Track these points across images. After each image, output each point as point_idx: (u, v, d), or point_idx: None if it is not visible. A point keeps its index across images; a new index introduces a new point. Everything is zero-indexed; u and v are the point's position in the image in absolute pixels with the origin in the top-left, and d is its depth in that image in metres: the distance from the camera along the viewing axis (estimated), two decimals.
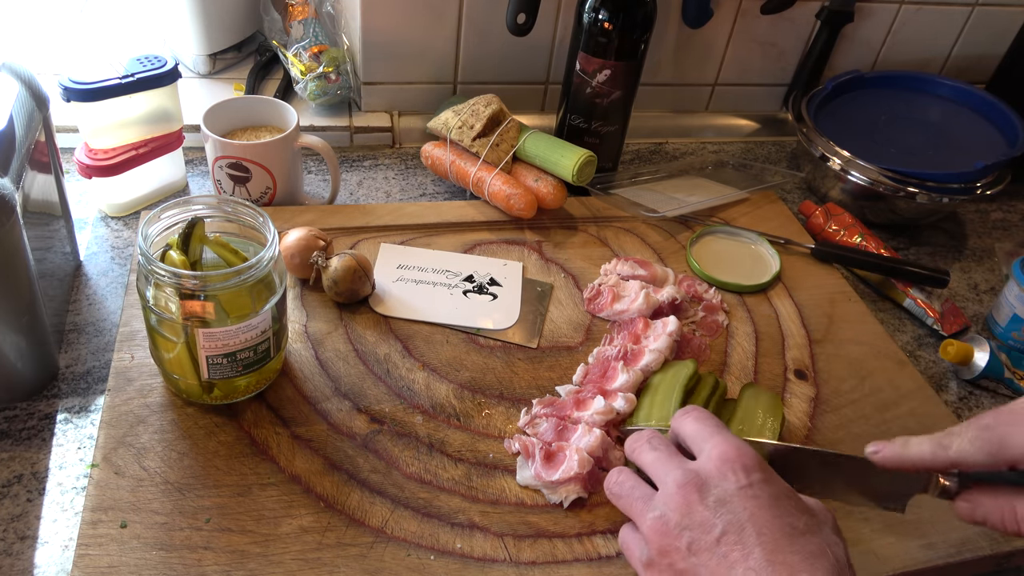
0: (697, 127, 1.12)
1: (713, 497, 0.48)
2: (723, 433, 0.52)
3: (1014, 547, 0.61)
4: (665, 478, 0.50)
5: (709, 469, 0.49)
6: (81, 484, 0.59)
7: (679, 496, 0.48)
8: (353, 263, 0.71)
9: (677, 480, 0.49)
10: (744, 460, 0.49)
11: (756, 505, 0.47)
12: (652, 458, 0.52)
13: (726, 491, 0.48)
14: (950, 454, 0.49)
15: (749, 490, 0.48)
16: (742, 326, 0.78)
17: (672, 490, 0.49)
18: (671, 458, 0.51)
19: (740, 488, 0.48)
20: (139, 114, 0.78)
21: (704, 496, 0.48)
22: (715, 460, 0.49)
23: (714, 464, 0.49)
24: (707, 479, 0.49)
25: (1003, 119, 1.00)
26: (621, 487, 0.53)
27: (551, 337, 0.74)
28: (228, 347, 0.58)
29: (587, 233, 0.87)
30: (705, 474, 0.49)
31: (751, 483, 0.48)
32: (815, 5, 1.05)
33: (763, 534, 0.46)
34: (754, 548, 0.45)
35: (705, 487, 0.48)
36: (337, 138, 0.98)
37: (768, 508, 0.47)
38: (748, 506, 0.47)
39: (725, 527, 0.46)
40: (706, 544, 0.46)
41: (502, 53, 0.99)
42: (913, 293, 0.85)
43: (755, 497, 0.47)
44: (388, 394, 0.66)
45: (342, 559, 0.54)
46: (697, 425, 0.53)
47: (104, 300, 0.73)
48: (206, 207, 0.60)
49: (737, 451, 0.49)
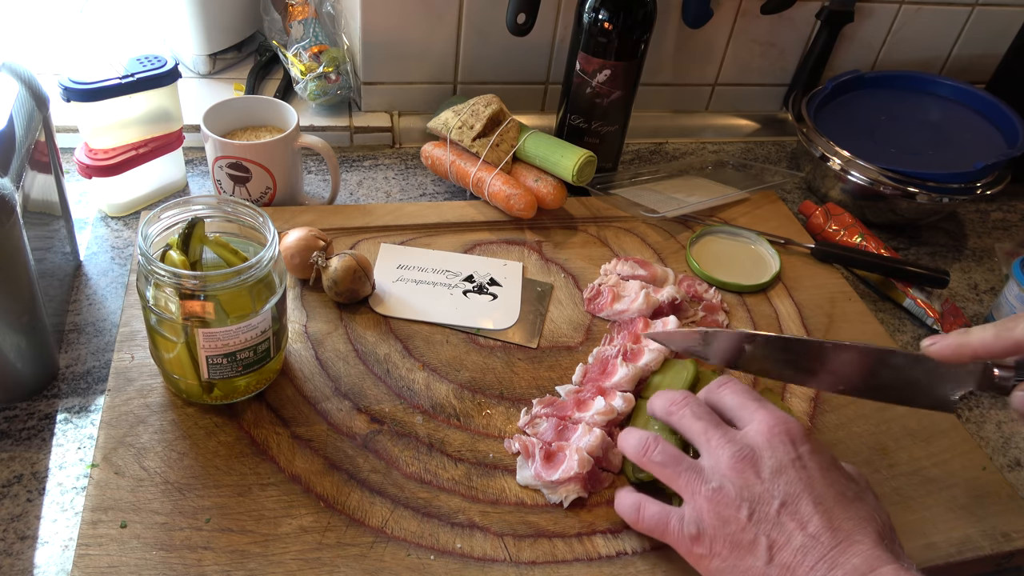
0: (697, 127, 1.12)
1: (768, 469, 0.50)
2: (767, 405, 0.53)
3: (1014, 547, 0.61)
4: (717, 450, 0.52)
5: (759, 442, 0.51)
6: (81, 484, 0.59)
7: (735, 469, 0.50)
8: (353, 263, 0.71)
9: (732, 454, 0.51)
10: (792, 432, 0.51)
11: (809, 475, 0.50)
12: (699, 427, 0.54)
13: (779, 462, 0.50)
14: (1015, 334, 0.51)
15: (799, 461, 0.50)
16: (742, 326, 0.78)
17: (727, 463, 0.51)
18: (719, 428, 0.53)
19: (792, 460, 0.50)
20: (139, 114, 0.78)
21: (759, 469, 0.50)
22: (764, 433, 0.51)
23: (764, 436, 0.51)
24: (759, 452, 0.51)
25: (1003, 119, 1.00)
26: (664, 456, 0.53)
27: (551, 337, 0.74)
28: (228, 347, 0.58)
29: (587, 233, 0.87)
30: (757, 447, 0.51)
31: (800, 455, 0.50)
32: (815, 5, 1.05)
33: (819, 503, 0.48)
34: (812, 516, 0.48)
35: (759, 460, 0.50)
36: (337, 138, 0.98)
37: (820, 478, 0.50)
38: (802, 476, 0.49)
39: (784, 497, 0.49)
40: (767, 514, 0.49)
41: (502, 53, 0.99)
42: (913, 293, 0.85)
43: (806, 468, 0.50)
44: (388, 394, 0.66)
45: (342, 559, 0.54)
46: (738, 397, 0.55)
47: (104, 300, 0.73)
48: (206, 207, 0.60)
49: (784, 423, 0.52)
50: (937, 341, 0.54)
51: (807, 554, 0.47)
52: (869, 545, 0.47)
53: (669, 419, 0.56)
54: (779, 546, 0.48)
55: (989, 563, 0.61)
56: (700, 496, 0.51)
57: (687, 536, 0.51)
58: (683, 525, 0.51)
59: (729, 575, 0.49)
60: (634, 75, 0.88)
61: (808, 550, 0.47)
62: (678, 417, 0.55)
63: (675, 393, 0.57)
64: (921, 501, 0.63)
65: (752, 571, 0.48)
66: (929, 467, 0.66)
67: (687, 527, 0.51)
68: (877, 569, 0.45)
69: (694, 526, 0.50)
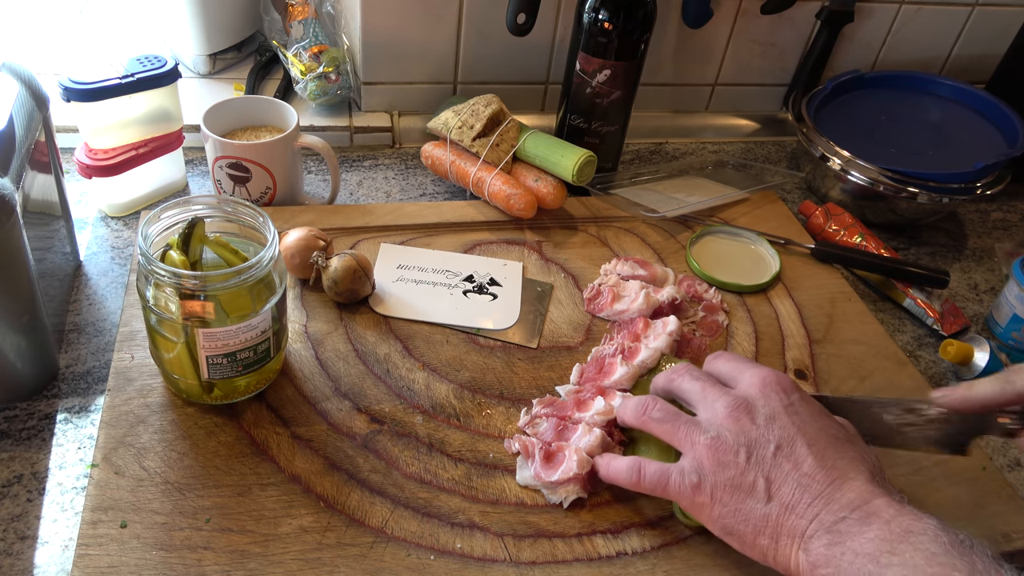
0: (697, 127, 1.12)
1: (762, 416, 0.53)
2: (757, 364, 0.57)
3: (1014, 547, 0.61)
4: (714, 404, 0.55)
5: (753, 393, 0.54)
6: (81, 484, 0.59)
7: (731, 418, 0.53)
8: (353, 263, 0.71)
9: (728, 404, 0.54)
10: (782, 383, 0.55)
11: (800, 420, 0.53)
12: (697, 386, 0.57)
13: (773, 410, 0.53)
14: (1017, 387, 0.53)
15: (791, 407, 0.53)
16: (742, 326, 0.78)
17: (724, 413, 0.54)
18: (715, 386, 0.56)
19: (784, 407, 0.53)
20: (139, 114, 0.78)
21: (754, 416, 0.53)
22: (757, 385, 0.55)
23: (757, 388, 0.55)
24: (753, 402, 0.54)
25: (1003, 119, 1.00)
26: (664, 412, 0.56)
27: (551, 337, 0.74)
28: (228, 347, 0.58)
29: (587, 233, 0.87)
30: (751, 398, 0.54)
31: (792, 402, 0.54)
32: (815, 5, 1.05)
33: (812, 445, 0.51)
34: (806, 457, 0.51)
35: (753, 408, 0.53)
36: (337, 138, 0.98)
37: (812, 422, 0.53)
38: (795, 421, 0.52)
39: (779, 441, 0.52)
40: (763, 457, 0.51)
41: (502, 53, 0.99)
42: (913, 293, 0.85)
43: (798, 413, 0.53)
44: (388, 394, 0.66)
45: (342, 559, 0.54)
46: (731, 362, 0.58)
47: (104, 300, 0.73)
48: (206, 207, 0.60)
49: (775, 375, 0.55)
50: (947, 394, 0.56)
51: (804, 491, 0.49)
52: (862, 481, 0.49)
53: (669, 386, 0.59)
54: (777, 485, 0.50)
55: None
56: (699, 446, 0.53)
57: (688, 486, 0.53)
58: (684, 476, 0.53)
59: (731, 519, 0.51)
60: (634, 75, 0.88)
61: (805, 488, 0.50)
62: (677, 383, 0.58)
63: (678, 365, 0.60)
64: (921, 501, 0.63)
65: (753, 512, 0.50)
66: (929, 467, 0.66)
67: (688, 477, 0.53)
68: (870, 501, 0.48)
69: (695, 475, 0.52)
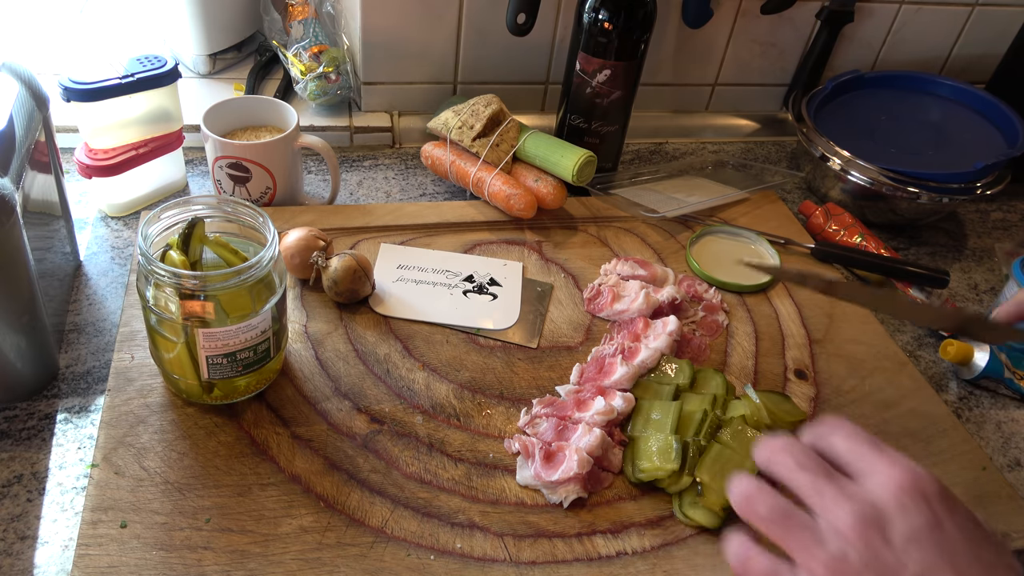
0: (697, 127, 1.12)
1: (899, 535, 0.42)
2: (889, 453, 0.46)
3: (1014, 547, 0.61)
4: (835, 509, 0.44)
5: (886, 499, 0.43)
6: (81, 484, 0.59)
7: (858, 533, 0.42)
8: (353, 263, 0.71)
9: (853, 513, 0.43)
10: (925, 489, 0.44)
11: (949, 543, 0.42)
12: (806, 479, 0.45)
13: (913, 527, 0.42)
14: None
15: (937, 526, 0.42)
16: (742, 326, 0.78)
17: (849, 524, 0.43)
18: (832, 480, 0.45)
19: (928, 524, 0.42)
20: (139, 114, 0.78)
21: (887, 534, 0.42)
22: (892, 488, 0.44)
23: (891, 493, 0.43)
24: (887, 513, 0.43)
25: (1003, 119, 1.00)
26: (771, 510, 0.45)
27: (551, 337, 0.74)
28: (228, 347, 0.58)
29: (587, 233, 0.87)
30: (883, 506, 0.43)
31: (938, 517, 0.43)
32: (815, 5, 1.05)
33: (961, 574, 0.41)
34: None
35: (887, 523, 0.43)
36: (337, 138, 0.98)
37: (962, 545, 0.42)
38: (940, 543, 0.42)
39: (919, 571, 0.41)
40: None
41: (502, 53, 0.99)
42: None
43: (945, 533, 0.42)
44: (388, 394, 0.66)
45: (342, 559, 0.54)
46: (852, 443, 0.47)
47: (104, 300, 0.73)
48: (206, 207, 0.60)
49: (913, 476, 0.44)
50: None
51: None
52: None
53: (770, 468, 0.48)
54: None
55: None
56: (817, 562, 0.43)
57: None
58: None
59: None
60: (634, 75, 0.88)
61: None
62: (779, 466, 0.47)
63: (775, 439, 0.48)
64: None
65: None
66: (929, 467, 0.65)
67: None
68: None
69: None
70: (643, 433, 0.64)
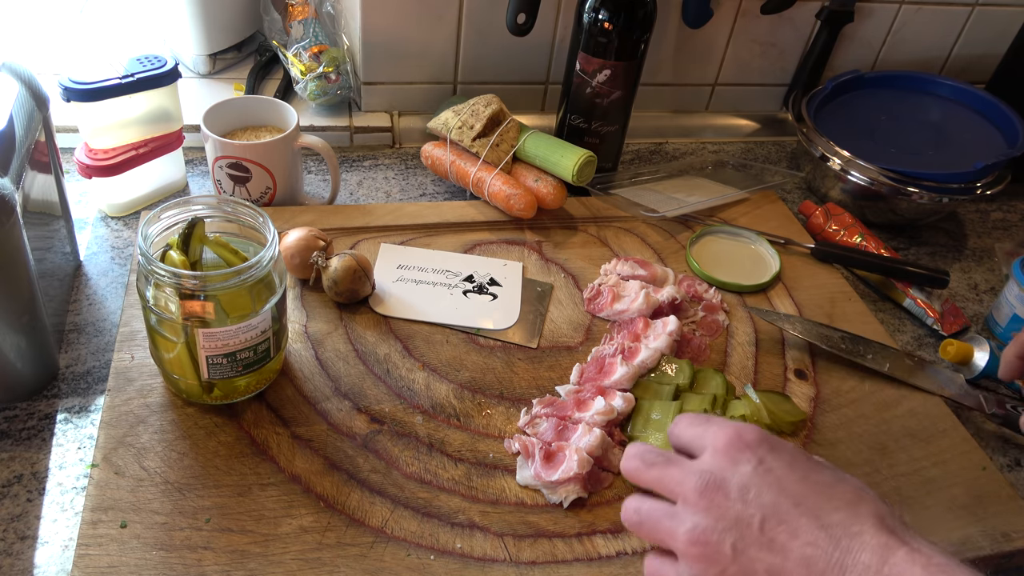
0: (697, 127, 1.12)
1: (735, 488, 0.45)
2: (715, 423, 0.49)
3: (1015, 547, 0.61)
4: (679, 488, 0.47)
5: (718, 462, 0.46)
6: (81, 484, 0.59)
7: (703, 500, 0.45)
8: (353, 263, 0.71)
9: (695, 486, 0.46)
10: (746, 438, 0.47)
11: (778, 477, 0.45)
12: (655, 474, 0.48)
13: (744, 476, 0.45)
14: None
15: (762, 465, 0.46)
16: (742, 326, 0.78)
17: (694, 497, 0.45)
18: (672, 464, 0.48)
19: (755, 468, 0.45)
20: (139, 114, 0.78)
21: (727, 491, 0.45)
22: (720, 451, 0.47)
23: (720, 455, 0.47)
24: (721, 473, 0.46)
25: (1003, 119, 1.00)
26: (639, 513, 0.48)
27: (551, 337, 0.74)
28: (228, 347, 0.58)
29: (587, 233, 0.87)
30: (718, 469, 0.46)
31: (761, 459, 0.46)
32: (815, 5, 1.05)
33: (800, 503, 0.44)
34: (798, 520, 0.43)
35: (724, 481, 0.45)
36: (337, 138, 0.98)
37: (789, 474, 0.45)
38: (771, 481, 0.45)
39: (762, 512, 0.44)
40: (751, 538, 0.44)
41: (502, 53, 0.99)
42: (913, 293, 0.85)
43: (772, 470, 0.45)
44: (388, 394, 0.66)
45: (342, 559, 0.54)
46: (691, 427, 0.50)
47: (104, 300, 0.73)
48: (206, 207, 0.60)
49: (736, 431, 0.47)
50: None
51: (811, 566, 0.42)
52: (871, 532, 0.42)
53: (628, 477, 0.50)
54: (778, 568, 0.43)
55: (989, 563, 0.61)
56: (680, 542, 0.45)
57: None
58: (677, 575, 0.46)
59: None
60: (634, 75, 0.88)
61: (810, 561, 0.42)
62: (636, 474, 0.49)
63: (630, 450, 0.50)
64: (921, 501, 0.63)
65: None
66: (929, 467, 0.66)
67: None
68: (888, 561, 0.41)
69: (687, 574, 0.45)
70: (643, 433, 0.64)
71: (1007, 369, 0.68)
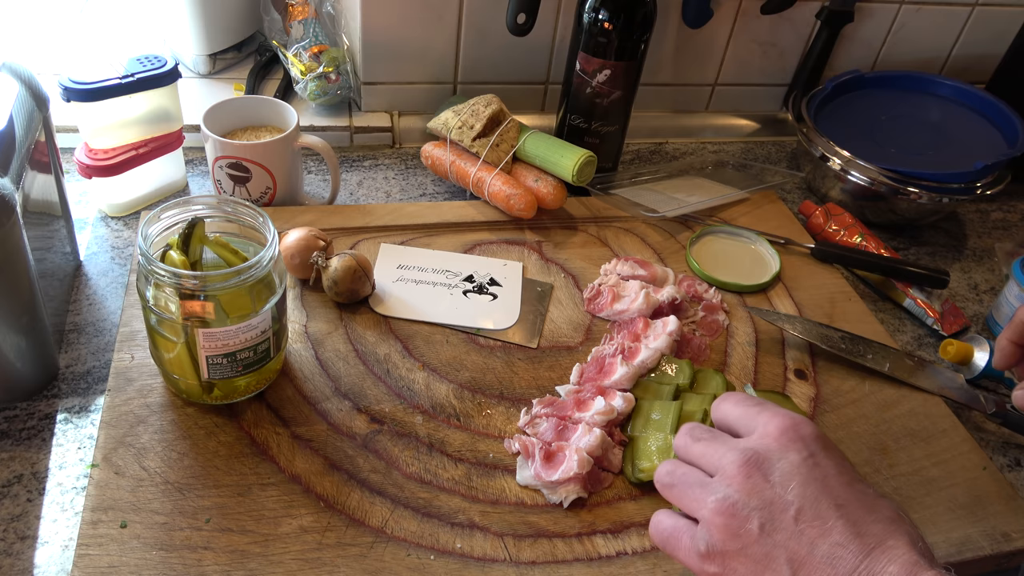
0: (697, 127, 1.12)
1: (778, 473, 0.45)
2: (770, 407, 0.49)
3: (1014, 547, 0.61)
4: (721, 461, 0.47)
5: (768, 444, 0.46)
6: (81, 484, 0.59)
7: (741, 475, 0.45)
8: (353, 263, 0.71)
9: (736, 460, 0.46)
10: (803, 431, 0.47)
11: (824, 476, 0.45)
12: (700, 448, 0.49)
13: (791, 464, 0.45)
14: None
15: (812, 460, 0.45)
16: (742, 326, 0.78)
17: (733, 471, 0.46)
18: (720, 440, 0.48)
19: (804, 459, 0.45)
20: (139, 114, 0.78)
21: (768, 473, 0.45)
22: (772, 434, 0.47)
23: (772, 438, 0.46)
24: (767, 455, 0.46)
25: (1003, 119, 1.00)
26: (672, 476, 0.49)
27: (551, 337, 0.74)
28: (228, 347, 0.58)
29: (587, 233, 0.87)
30: (764, 450, 0.46)
31: (813, 453, 0.46)
32: (815, 5, 1.05)
33: (842, 506, 0.44)
34: (835, 522, 0.43)
35: (767, 463, 0.45)
36: (337, 138, 0.98)
37: (837, 476, 0.45)
38: (818, 476, 0.45)
39: (800, 503, 0.44)
40: (783, 524, 0.44)
41: (502, 53, 0.99)
42: (913, 293, 0.85)
43: (820, 467, 0.45)
44: (388, 394, 0.66)
45: (342, 559, 0.54)
46: (739, 407, 0.50)
47: (104, 300, 0.73)
48: (206, 207, 0.60)
49: (793, 421, 0.47)
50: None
51: (836, 566, 0.42)
52: (903, 550, 0.42)
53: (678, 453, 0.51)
54: (801, 559, 0.43)
55: (989, 563, 0.61)
56: (706, 509, 0.45)
57: (696, 554, 0.46)
58: (694, 542, 0.46)
59: None
60: (634, 75, 0.88)
61: (836, 561, 0.42)
62: (684, 449, 0.50)
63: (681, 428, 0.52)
64: (921, 501, 0.63)
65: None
66: (929, 467, 0.66)
67: (696, 544, 0.46)
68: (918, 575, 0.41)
69: (703, 543, 0.45)
70: (643, 433, 0.64)
71: (1001, 356, 0.65)
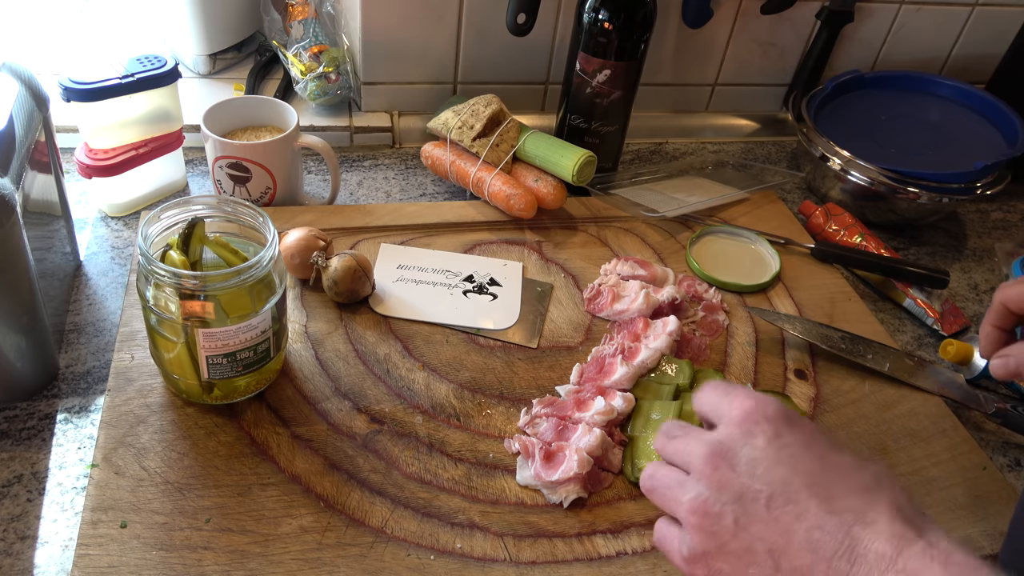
0: (697, 127, 1.12)
1: (744, 460, 0.43)
2: (737, 393, 0.46)
3: None
4: (691, 456, 0.45)
5: (731, 432, 0.44)
6: (81, 484, 0.59)
7: (709, 469, 0.43)
8: (353, 263, 0.71)
9: (703, 454, 0.44)
10: (765, 411, 0.44)
11: (793, 453, 0.43)
12: (674, 446, 0.47)
13: (756, 449, 0.43)
14: None
15: (778, 440, 0.43)
16: (742, 326, 0.78)
17: (700, 465, 0.44)
18: (689, 435, 0.46)
19: (769, 441, 0.43)
20: (139, 114, 0.78)
21: (735, 463, 0.43)
22: (736, 420, 0.45)
23: (735, 424, 0.44)
24: (731, 443, 0.44)
25: (1003, 119, 1.00)
26: (653, 479, 0.47)
27: (551, 337, 0.74)
28: (228, 347, 0.58)
29: (587, 233, 0.87)
30: (728, 438, 0.44)
31: (779, 432, 0.43)
32: (815, 5, 1.05)
33: (813, 484, 0.41)
34: (808, 503, 0.41)
35: (732, 452, 0.43)
36: (337, 138, 0.98)
37: (806, 453, 0.43)
38: (784, 457, 0.42)
39: (770, 489, 0.42)
40: (756, 514, 0.41)
41: (502, 53, 0.99)
42: (913, 293, 0.85)
43: (787, 446, 0.43)
44: (388, 394, 0.66)
45: (342, 559, 0.54)
46: (712, 394, 0.48)
47: (104, 300, 0.73)
48: (206, 207, 0.60)
49: (755, 403, 0.45)
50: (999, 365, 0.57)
51: (816, 551, 0.39)
52: (886, 521, 0.39)
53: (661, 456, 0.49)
54: (781, 549, 0.40)
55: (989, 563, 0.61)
56: (683, 509, 0.44)
57: (680, 558, 0.44)
58: (679, 544, 0.44)
59: None
60: (634, 75, 0.88)
61: (816, 546, 0.40)
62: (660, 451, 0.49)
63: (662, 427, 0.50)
64: (921, 501, 0.63)
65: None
66: (929, 467, 0.66)
67: (681, 547, 0.44)
68: (904, 553, 0.38)
69: (685, 547, 0.44)
70: (643, 433, 0.64)
71: (986, 342, 0.61)
